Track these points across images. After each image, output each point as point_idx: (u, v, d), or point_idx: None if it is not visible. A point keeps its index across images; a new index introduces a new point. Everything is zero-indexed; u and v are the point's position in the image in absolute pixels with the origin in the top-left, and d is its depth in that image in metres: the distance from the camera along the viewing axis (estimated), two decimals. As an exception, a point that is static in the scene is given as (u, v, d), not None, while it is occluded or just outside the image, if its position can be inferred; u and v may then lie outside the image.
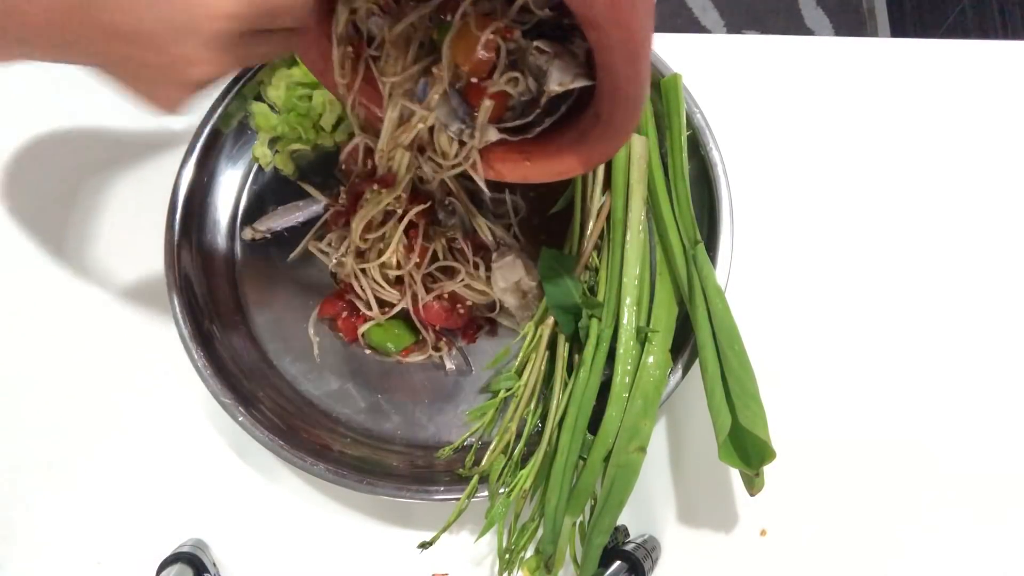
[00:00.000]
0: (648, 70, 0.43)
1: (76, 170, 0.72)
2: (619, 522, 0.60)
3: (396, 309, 0.62)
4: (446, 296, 0.61)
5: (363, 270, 0.62)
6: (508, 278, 0.60)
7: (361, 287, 0.62)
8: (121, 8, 0.37)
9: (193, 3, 0.37)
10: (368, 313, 0.63)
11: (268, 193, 0.69)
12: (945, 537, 0.62)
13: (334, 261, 0.64)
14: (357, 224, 0.60)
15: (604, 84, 0.45)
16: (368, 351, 0.65)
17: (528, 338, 0.60)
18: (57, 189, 0.72)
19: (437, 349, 0.65)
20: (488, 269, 0.62)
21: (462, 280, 0.61)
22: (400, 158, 0.57)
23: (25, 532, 0.64)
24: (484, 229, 0.62)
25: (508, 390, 0.60)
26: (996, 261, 0.68)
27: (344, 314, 0.64)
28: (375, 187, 0.58)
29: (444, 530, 0.56)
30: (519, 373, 0.61)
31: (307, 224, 0.67)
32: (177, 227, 0.65)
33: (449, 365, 0.65)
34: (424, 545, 0.56)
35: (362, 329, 0.64)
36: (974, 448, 0.64)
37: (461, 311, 0.62)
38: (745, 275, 0.65)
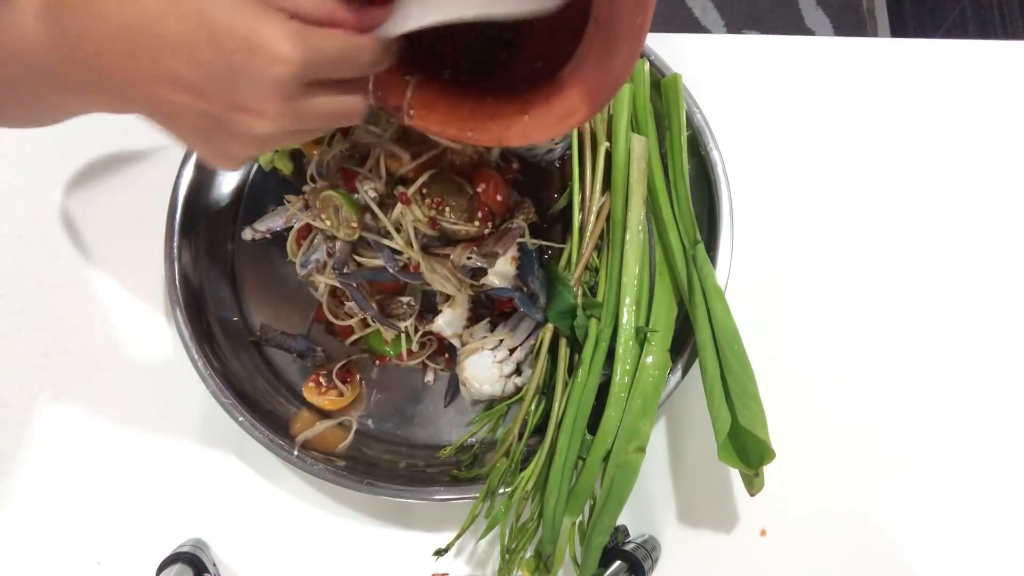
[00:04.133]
0: None
1: (76, 170, 0.72)
2: (619, 522, 0.60)
3: (369, 330, 0.63)
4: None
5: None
6: (479, 377, 0.60)
7: (331, 313, 0.64)
8: (177, 53, 0.34)
9: (253, 46, 0.34)
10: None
11: (268, 193, 0.69)
12: (945, 537, 0.62)
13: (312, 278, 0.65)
14: (291, 242, 0.63)
15: None
16: (366, 354, 0.66)
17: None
18: (57, 189, 0.72)
19: (435, 362, 0.65)
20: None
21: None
22: None
23: (25, 532, 0.64)
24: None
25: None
26: (996, 261, 0.68)
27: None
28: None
29: (460, 536, 0.56)
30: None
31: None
32: (177, 227, 0.65)
33: (428, 377, 0.65)
34: (439, 552, 0.56)
35: (353, 338, 0.64)
36: (975, 448, 0.63)
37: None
38: (745, 275, 0.65)
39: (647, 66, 0.63)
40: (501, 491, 0.57)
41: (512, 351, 0.60)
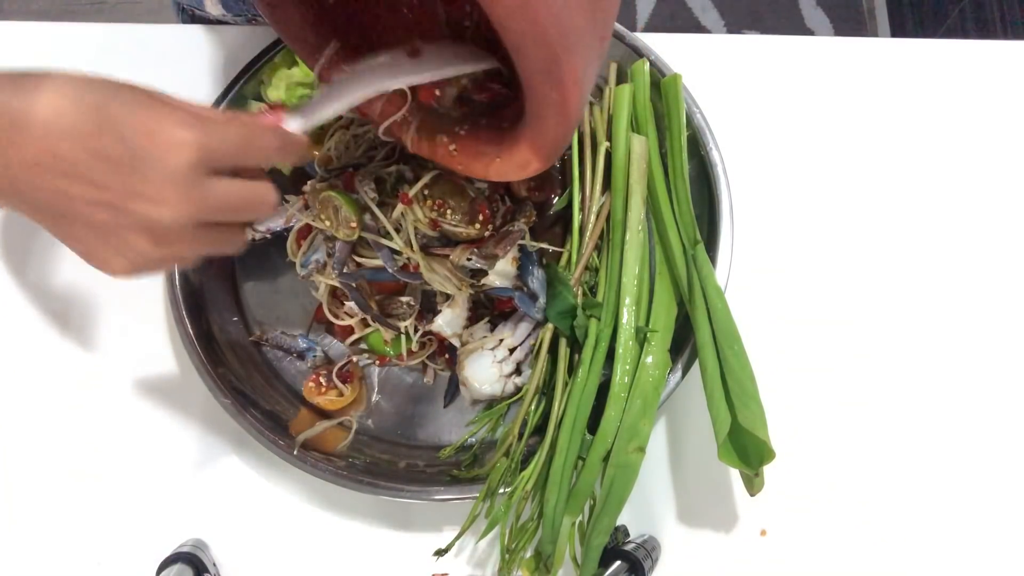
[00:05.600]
0: (555, 20, 0.34)
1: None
2: (619, 522, 0.60)
3: (369, 331, 0.63)
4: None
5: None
6: (479, 377, 0.59)
7: (331, 313, 0.63)
8: (73, 140, 0.33)
9: (151, 132, 0.34)
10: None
11: (268, 193, 0.69)
12: (946, 537, 0.62)
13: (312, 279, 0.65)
14: (291, 242, 0.63)
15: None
16: (366, 354, 0.66)
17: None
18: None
19: (435, 362, 0.65)
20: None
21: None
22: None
23: (25, 532, 0.64)
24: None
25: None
26: (996, 261, 0.68)
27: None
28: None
29: (459, 536, 0.56)
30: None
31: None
32: (177, 227, 0.64)
33: (427, 377, 0.65)
34: (439, 552, 0.57)
35: (353, 338, 0.64)
36: (975, 448, 0.64)
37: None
38: (745, 275, 0.65)
39: (647, 66, 0.63)
40: (501, 491, 0.57)
41: (512, 351, 0.60)
